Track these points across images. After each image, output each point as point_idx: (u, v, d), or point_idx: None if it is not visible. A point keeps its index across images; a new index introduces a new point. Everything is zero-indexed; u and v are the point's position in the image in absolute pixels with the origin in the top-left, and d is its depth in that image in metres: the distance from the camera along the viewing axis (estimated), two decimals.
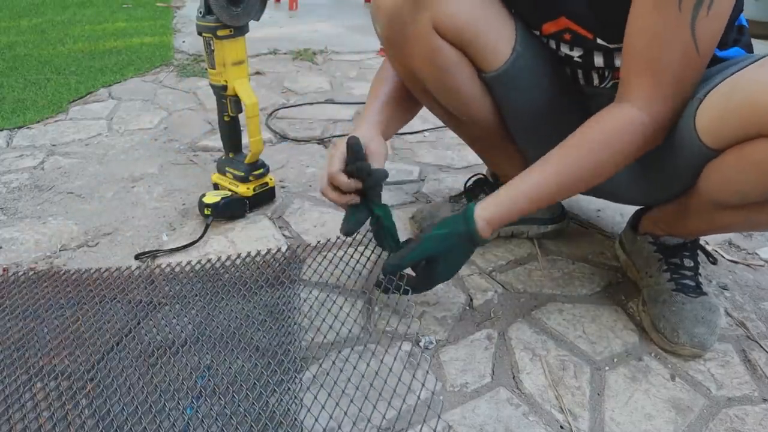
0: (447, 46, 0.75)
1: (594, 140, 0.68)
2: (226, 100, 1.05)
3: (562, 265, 0.97)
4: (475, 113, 0.84)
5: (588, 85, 0.80)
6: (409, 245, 0.76)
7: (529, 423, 0.67)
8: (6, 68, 2.00)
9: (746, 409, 0.70)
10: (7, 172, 1.27)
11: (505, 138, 0.89)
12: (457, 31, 0.73)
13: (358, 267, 0.92)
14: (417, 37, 0.74)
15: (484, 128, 0.87)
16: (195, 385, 0.68)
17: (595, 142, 0.68)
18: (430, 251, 0.74)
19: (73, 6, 3.24)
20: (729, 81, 0.61)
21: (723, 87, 0.61)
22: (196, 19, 0.97)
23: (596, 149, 0.68)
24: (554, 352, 0.78)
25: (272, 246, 0.99)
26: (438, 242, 0.74)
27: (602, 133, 0.68)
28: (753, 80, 0.57)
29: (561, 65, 0.81)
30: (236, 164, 1.10)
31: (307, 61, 2.22)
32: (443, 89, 0.80)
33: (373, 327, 0.81)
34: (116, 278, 0.88)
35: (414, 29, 0.74)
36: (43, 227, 1.05)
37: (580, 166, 0.69)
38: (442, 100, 0.82)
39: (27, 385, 0.68)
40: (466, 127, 0.90)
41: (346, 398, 0.67)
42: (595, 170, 0.69)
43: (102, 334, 0.76)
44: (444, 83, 0.79)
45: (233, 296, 0.85)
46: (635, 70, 0.65)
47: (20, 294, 0.85)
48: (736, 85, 0.59)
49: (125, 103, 1.72)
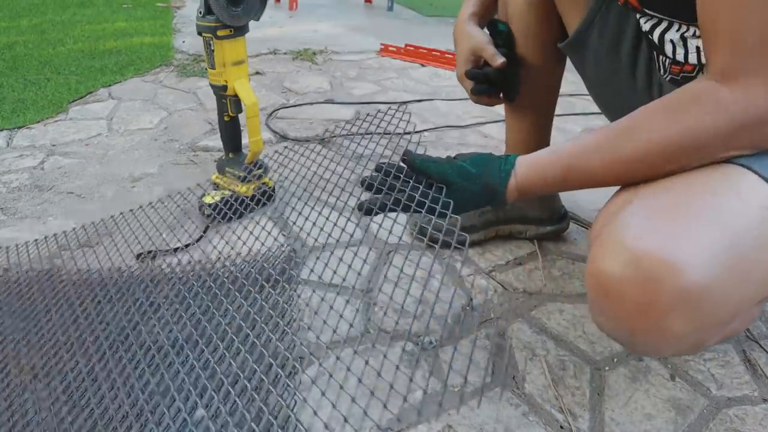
0: None
1: (653, 111, 0.56)
2: (226, 100, 1.05)
3: (562, 265, 0.97)
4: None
5: (660, 73, 0.75)
6: (438, 158, 0.68)
7: (529, 423, 0.67)
8: (6, 68, 2.00)
9: (746, 409, 0.70)
10: (7, 172, 1.27)
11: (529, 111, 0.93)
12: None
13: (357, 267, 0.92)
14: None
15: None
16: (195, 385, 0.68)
17: (654, 113, 0.56)
18: (447, 176, 0.65)
19: (73, 6, 3.24)
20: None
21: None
22: (196, 19, 0.97)
23: (659, 122, 0.55)
24: (554, 352, 0.78)
25: (272, 246, 0.99)
26: (459, 175, 0.65)
27: (664, 103, 0.56)
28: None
29: (639, 43, 0.76)
30: (236, 164, 1.10)
31: (307, 61, 2.22)
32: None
33: (373, 327, 0.81)
34: (116, 278, 0.88)
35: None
36: (43, 227, 1.05)
37: (636, 139, 0.57)
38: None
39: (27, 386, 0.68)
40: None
41: (346, 398, 0.67)
42: (652, 145, 0.55)
43: (102, 334, 0.76)
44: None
45: (233, 296, 0.85)
46: (710, 41, 0.53)
47: (20, 294, 0.85)
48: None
49: (125, 103, 1.72)
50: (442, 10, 3.73)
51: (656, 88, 0.78)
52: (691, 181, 0.54)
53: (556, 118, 0.99)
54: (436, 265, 0.96)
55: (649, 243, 0.48)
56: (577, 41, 0.81)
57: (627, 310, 0.49)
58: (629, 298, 0.48)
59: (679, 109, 0.54)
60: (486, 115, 1.71)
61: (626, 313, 0.49)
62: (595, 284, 0.51)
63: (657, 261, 0.47)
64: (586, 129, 1.62)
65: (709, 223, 0.49)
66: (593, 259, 0.52)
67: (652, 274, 0.47)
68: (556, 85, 0.94)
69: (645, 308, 0.48)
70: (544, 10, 0.85)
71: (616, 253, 0.49)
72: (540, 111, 0.95)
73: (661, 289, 0.47)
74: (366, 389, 0.69)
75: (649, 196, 0.54)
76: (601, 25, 0.78)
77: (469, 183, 0.65)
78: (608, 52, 0.80)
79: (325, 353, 0.75)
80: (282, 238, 1.03)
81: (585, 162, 0.61)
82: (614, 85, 0.82)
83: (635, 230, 0.50)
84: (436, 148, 1.45)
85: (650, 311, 0.48)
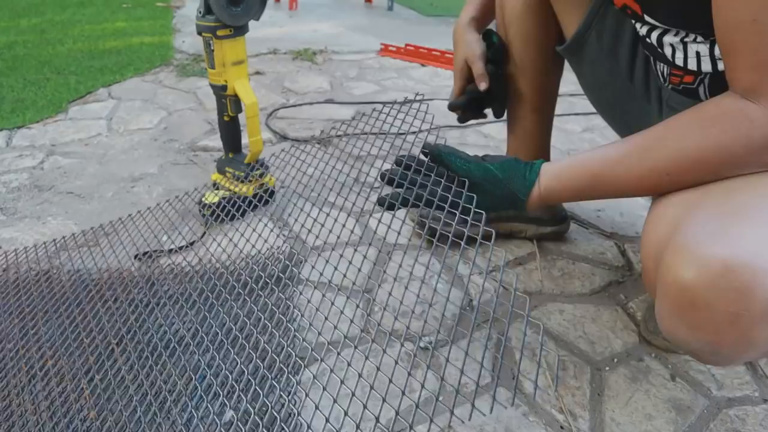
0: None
1: (685, 123, 0.56)
2: (225, 99, 1.05)
3: (562, 265, 0.97)
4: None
5: (661, 81, 0.75)
6: (465, 154, 0.69)
7: (529, 423, 0.67)
8: (5, 68, 2.00)
9: (747, 409, 0.70)
10: (7, 172, 1.27)
11: (535, 110, 0.94)
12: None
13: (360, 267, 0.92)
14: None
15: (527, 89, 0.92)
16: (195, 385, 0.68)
17: (687, 125, 0.56)
18: (473, 177, 0.66)
19: (72, 6, 3.24)
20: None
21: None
22: (196, 19, 0.97)
23: (687, 132, 0.55)
24: (554, 352, 0.77)
25: (272, 246, 0.99)
26: (485, 178, 0.65)
27: (696, 115, 0.56)
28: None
29: (637, 47, 0.77)
30: (236, 164, 1.10)
31: (307, 61, 2.22)
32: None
33: (373, 327, 0.81)
34: (116, 278, 0.88)
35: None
36: (42, 227, 1.05)
37: (666, 149, 0.57)
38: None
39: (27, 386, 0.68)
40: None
41: (346, 398, 0.67)
42: (685, 156, 0.55)
43: (102, 334, 0.76)
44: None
45: (233, 296, 0.85)
46: (731, 58, 0.53)
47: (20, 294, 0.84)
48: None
49: (125, 103, 1.72)
50: (442, 10, 3.73)
51: (654, 93, 0.78)
52: (751, 186, 0.53)
53: (556, 118, 0.99)
54: (436, 264, 0.96)
55: (736, 251, 0.46)
56: (575, 45, 0.81)
57: (716, 320, 0.47)
58: (719, 309, 0.47)
59: (712, 123, 0.54)
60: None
61: (714, 323, 0.48)
62: (677, 295, 0.49)
63: (748, 270, 0.45)
64: (586, 129, 1.62)
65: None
66: (670, 269, 0.50)
67: (743, 284, 0.45)
68: (555, 87, 0.95)
69: (735, 318, 0.46)
70: (541, 15, 0.85)
71: (699, 262, 0.47)
72: (540, 113, 0.95)
73: (753, 298, 0.45)
74: (366, 389, 0.69)
75: (714, 202, 0.52)
76: (599, 28, 0.78)
77: (493, 186, 0.65)
78: (606, 56, 0.80)
79: (325, 352, 0.75)
80: (282, 237, 1.03)
81: (612, 173, 0.61)
82: (612, 88, 0.83)
83: (715, 238, 0.48)
84: None
85: (741, 321, 0.47)
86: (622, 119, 0.86)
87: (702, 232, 0.49)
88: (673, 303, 0.50)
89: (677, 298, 0.49)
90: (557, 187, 0.64)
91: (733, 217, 0.50)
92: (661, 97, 0.76)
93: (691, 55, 0.64)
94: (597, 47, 0.80)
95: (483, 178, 0.65)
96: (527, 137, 0.97)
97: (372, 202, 1.14)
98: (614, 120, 0.89)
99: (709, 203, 0.52)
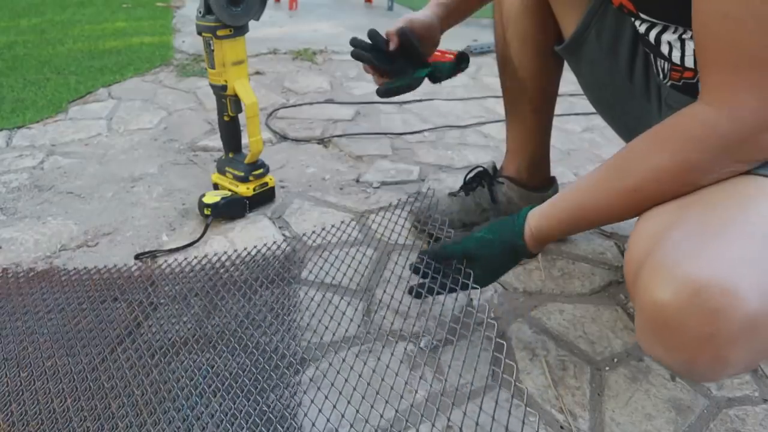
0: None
1: (643, 140, 0.58)
2: (225, 99, 1.05)
3: (562, 265, 0.97)
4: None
5: (660, 77, 0.76)
6: (454, 238, 0.75)
7: (529, 423, 0.67)
8: (5, 68, 2.00)
9: (746, 409, 0.70)
10: (7, 172, 1.27)
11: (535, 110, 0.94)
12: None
13: (358, 267, 0.92)
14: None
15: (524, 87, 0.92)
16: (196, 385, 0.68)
17: (644, 142, 0.58)
18: (470, 251, 0.71)
19: (72, 6, 3.24)
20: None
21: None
22: (196, 19, 0.97)
23: (650, 150, 0.57)
24: (554, 352, 0.77)
25: (272, 246, 0.99)
26: (480, 246, 0.71)
27: (654, 131, 0.57)
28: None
29: (637, 46, 0.77)
30: (236, 164, 1.10)
31: (307, 61, 2.22)
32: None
33: (373, 327, 0.81)
34: (116, 278, 0.88)
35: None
36: (42, 227, 1.05)
37: (632, 169, 0.58)
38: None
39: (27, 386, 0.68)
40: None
41: (346, 398, 0.67)
42: (647, 175, 0.57)
43: (102, 334, 0.76)
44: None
45: (233, 296, 0.85)
46: (705, 63, 0.53)
47: (20, 294, 0.84)
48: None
49: (125, 103, 1.72)
50: None
51: (654, 91, 0.78)
52: (730, 199, 0.53)
53: (556, 118, 0.99)
54: None
55: (709, 272, 0.46)
56: (574, 44, 0.81)
57: (689, 341, 0.47)
58: (692, 330, 0.47)
59: (668, 137, 0.55)
60: (486, 115, 1.71)
61: (688, 344, 0.48)
62: (652, 316, 0.49)
63: (719, 291, 0.45)
64: (586, 129, 1.62)
65: (762, 247, 0.48)
66: (646, 290, 0.50)
67: (715, 305, 0.45)
68: (554, 87, 0.95)
69: (708, 339, 0.46)
70: (539, 15, 0.84)
71: (674, 283, 0.47)
72: (539, 113, 0.95)
73: (725, 319, 0.45)
74: (365, 389, 0.69)
75: (692, 219, 0.52)
76: (599, 27, 0.78)
77: (490, 249, 0.70)
78: (606, 55, 0.80)
79: (325, 353, 0.75)
80: (282, 237, 1.03)
81: (593, 200, 0.63)
82: (612, 87, 0.83)
83: (690, 258, 0.48)
84: (437, 147, 1.45)
85: (713, 342, 0.47)
86: (622, 119, 0.86)
87: (677, 252, 0.49)
88: (649, 322, 0.50)
89: (652, 318, 0.50)
90: (546, 226, 0.67)
91: (709, 236, 0.49)
92: (661, 95, 0.76)
93: (689, 53, 0.64)
94: (596, 46, 0.80)
95: (479, 247, 0.71)
96: (527, 138, 0.97)
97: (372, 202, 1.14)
98: (614, 120, 0.89)
99: (688, 221, 0.52)
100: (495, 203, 1.00)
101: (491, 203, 1.00)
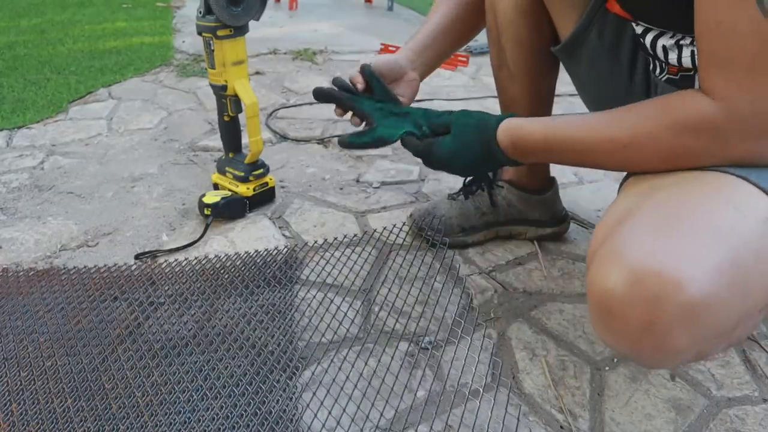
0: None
1: (649, 104, 0.60)
2: (226, 99, 1.05)
3: (562, 265, 0.97)
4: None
5: (656, 74, 0.76)
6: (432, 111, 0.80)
7: (529, 423, 0.67)
8: (6, 68, 2.00)
9: (746, 409, 0.70)
10: (7, 172, 1.27)
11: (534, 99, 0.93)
12: None
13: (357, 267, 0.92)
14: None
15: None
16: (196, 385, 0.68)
17: (648, 106, 0.60)
18: (449, 123, 0.75)
19: (72, 6, 3.24)
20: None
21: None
22: (196, 19, 0.97)
23: (644, 111, 0.59)
24: (554, 352, 0.78)
25: (272, 246, 0.99)
26: (462, 115, 0.75)
27: (659, 100, 0.59)
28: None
29: (638, 46, 0.77)
30: (236, 164, 1.10)
31: (307, 61, 2.22)
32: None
33: (373, 327, 0.81)
34: (116, 278, 0.88)
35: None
36: (42, 227, 1.05)
37: (621, 118, 0.61)
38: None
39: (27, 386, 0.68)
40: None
41: (346, 398, 0.67)
42: (635, 131, 0.59)
43: (102, 334, 0.76)
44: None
45: (233, 296, 0.85)
46: (704, 63, 0.55)
47: (20, 294, 0.84)
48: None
49: (125, 103, 1.72)
50: None
51: (653, 91, 0.77)
52: (688, 192, 0.54)
53: None
54: (436, 264, 0.96)
55: (650, 261, 0.48)
56: (573, 44, 0.80)
57: (631, 328, 0.49)
58: (633, 318, 0.48)
59: (671, 109, 0.57)
60: None
61: (630, 331, 0.49)
62: (598, 303, 0.51)
63: (659, 280, 0.46)
64: None
65: (708, 238, 0.49)
66: (595, 277, 0.51)
67: (655, 293, 0.47)
68: (551, 90, 0.94)
69: (648, 326, 0.48)
70: (534, 17, 0.84)
71: (617, 271, 0.49)
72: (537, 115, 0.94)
73: (664, 307, 0.46)
74: (365, 389, 0.69)
75: (647, 211, 0.54)
76: (601, 27, 0.78)
77: (467, 119, 0.74)
78: (607, 54, 0.79)
79: (325, 353, 0.75)
80: (282, 237, 1.03)
81: (577, 132, 0.65)
82: (611, 87, 0.82)
83: (635, 248, 0.49)
84: None
85: (654, 329, 0.48)
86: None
87: (623, 243, 0.51)
88: (596, 311, 0.52)
89: (598, 305, 0.51)
90: (528, 130, 0.69)
91: (657, 228, 0.51)
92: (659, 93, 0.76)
93: (686, 55, 0.65)
94: (598, 45, 0.79)
95: (459, 116, 0.75)
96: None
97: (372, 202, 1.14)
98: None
99: (640, 213, 0.53)
100: (494, 207, 1.00)
101: (491, 207, 1.00)
